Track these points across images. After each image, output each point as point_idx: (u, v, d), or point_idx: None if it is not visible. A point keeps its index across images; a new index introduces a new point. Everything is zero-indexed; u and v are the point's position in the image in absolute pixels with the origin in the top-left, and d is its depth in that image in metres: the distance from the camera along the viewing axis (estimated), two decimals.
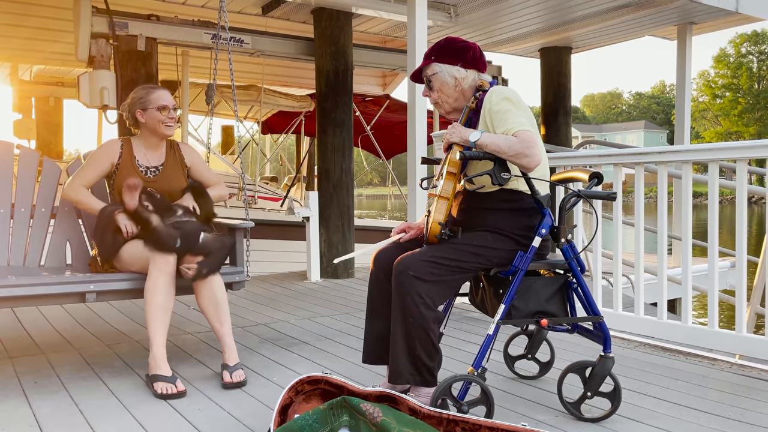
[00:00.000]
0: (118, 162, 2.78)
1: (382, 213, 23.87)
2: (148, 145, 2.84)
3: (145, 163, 2.82)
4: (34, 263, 2.92)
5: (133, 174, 2.77)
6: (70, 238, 2.98)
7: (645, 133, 61.97)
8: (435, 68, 2.23)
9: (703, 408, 2.23)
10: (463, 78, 2.22)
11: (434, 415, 1.82)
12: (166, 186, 2.80)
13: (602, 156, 3.47)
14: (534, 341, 2.59)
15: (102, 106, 4.99)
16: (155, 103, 2.75)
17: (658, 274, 3.14)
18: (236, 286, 2.82)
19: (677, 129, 6.65)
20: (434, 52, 2.25)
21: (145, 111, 2.76)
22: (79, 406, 2.24)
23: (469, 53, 2.24)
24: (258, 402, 2.29)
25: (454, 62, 2.22)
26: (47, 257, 2.93)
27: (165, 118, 2.76)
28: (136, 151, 2.82)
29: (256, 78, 7.87)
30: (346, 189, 5.55)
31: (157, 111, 2.75)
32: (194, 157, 2.98)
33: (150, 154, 2.84)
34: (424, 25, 4.28)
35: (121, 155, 2.79)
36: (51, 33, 6.54)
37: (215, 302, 2.58)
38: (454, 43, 2.26)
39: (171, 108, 2.78)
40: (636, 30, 6.71)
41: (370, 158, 10.45)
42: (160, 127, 2.78)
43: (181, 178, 2.88)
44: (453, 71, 2.21)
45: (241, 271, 2.84)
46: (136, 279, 2.59)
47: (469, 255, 2.07)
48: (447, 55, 2.23)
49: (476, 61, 2.25)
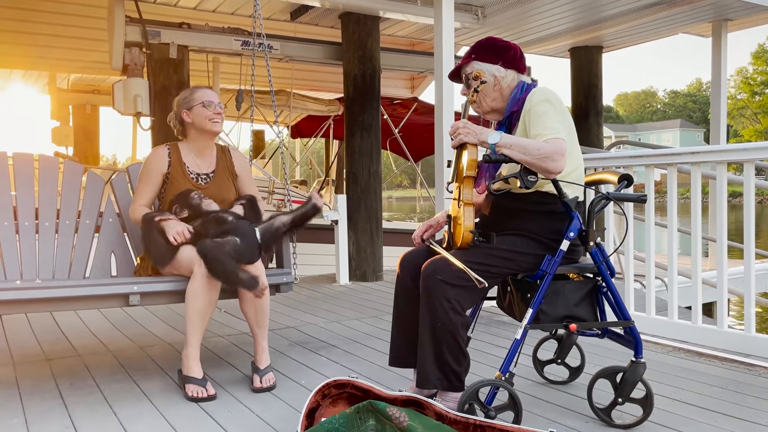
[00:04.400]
0: (168, 171, 2.72)
1: (411, 215, 23.85)
2: (198, 150, 2.78)
3: (196, 170, 2.76)
4: (79, 275, 2.88)
5: (185, 183, 2.70)
6: (115, 249, 2.95)
7: (681, 132, 60.63)
8: (475, 66, 2.22)
9: (739, 415, 2.17)
10: (503, 77, 2.21)
11: (461, 420, 1.81)
12: (217, 194, 2.73)
13: (634, 157, 3.42)
14: (564, 346, 2.56)
15: (135, 113, 5.10)
16: (200, 100, 2.70)
17: (692, 276, 3.07)
18: (284, 288, 2.78)
19: (713, 128, 6.50)
20: (475, 51, 2.24)
21: (190, 110, 2.71)
22: (113, 408, 2.29)
23: (510, 53, 2.23)
24: (286, 405, 2.31)
25: (495, 61, 2.21)
26: (92, 269, 2.91)
27: (211, 114, 2.70)
28: (185, 157, 2.76)
29: (285, 83, 7.95)
30: (374, 192, 5.56)
31: (203, 107, 2.70)
32: (244, 165, 2.91)
33: (200, 160, 2.78)
34: (451, 27, 4.27)
35: (170, 163, 2.73)
36: (87, 42, 6.72)
37: (258, 306, 2.56)
38: (495, 43, 2.25)
39: (216, 103, 2.73)
40: (669, 28, 6.58)
41: (399, 161, 10.46)
42: (207, 123, 2.71)
43: (230, 185, 2.81)
44: (493, 70, 2.20)
45: (288, 272, 2.80)
46: (179, 281, 2.53)
47: (499, 260, 2.05)
48: (487, 54, 2.22)
49: (516, 61, 2.23)
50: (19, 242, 2.80)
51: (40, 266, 2.82)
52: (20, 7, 6.26)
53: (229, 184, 2.82)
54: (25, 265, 2.79)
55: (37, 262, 2.82)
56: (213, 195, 2.72)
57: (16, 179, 2.85)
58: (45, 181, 2.89)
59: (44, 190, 2.89)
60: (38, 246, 2.83)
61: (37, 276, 2.81)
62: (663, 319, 3.18)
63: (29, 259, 2.80)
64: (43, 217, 2.86)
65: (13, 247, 2.78)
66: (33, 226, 2.84)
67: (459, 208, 2.04)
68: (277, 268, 2.86)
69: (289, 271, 2.83)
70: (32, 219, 2.85)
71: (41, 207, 2.87)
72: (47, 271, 2.83)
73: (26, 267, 2.80)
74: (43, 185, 2.89)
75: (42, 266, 2.82)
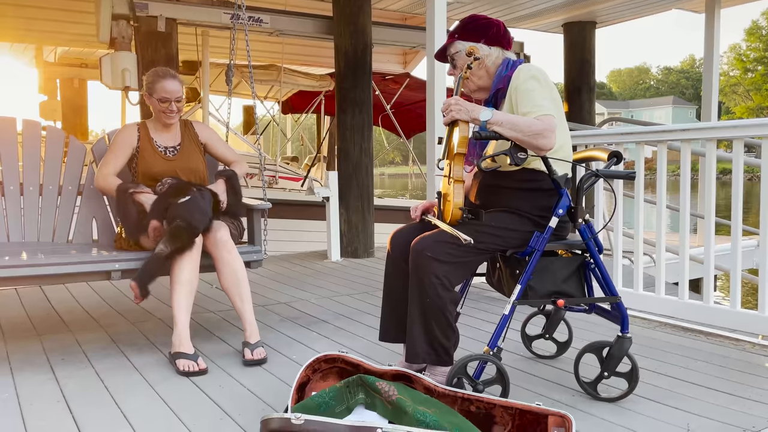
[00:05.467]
0: (137, 145, 2.86)
1: (402, 192, 23.85)
2: (161, 127, 2.91)
3: (163, 144, 2.88)
4: (63, 239, 3.03)
5: (154, 156, 2.83)
6: (96, 215, 3.07)
7: (673, 108, 60.62)
8: (458, 46, 2.22)
9: (724, 389, 2.21)
10: (486, 55, 2.20)
11: (449, 393, 1.84)
12: (186, 164, 2.86)
13: (624, 134, 3.42)
14: (552, 321, 2.59)
15: (124, 88, 5.04)
16: (158, 94, 2.80)
17: (679, 253, 3.10)
18: (254, 264, 2.87)
19: (704, 105, 6.50)
20: (458, 30, 2.24)
21: (149, 97, 2.84)
22: (105, 383, 2.30)
23: (492, 30, 2.22)
24: (277, 379, 2.34)
25: (477, 39, 2.20)
26: (74, 234, 3.04)
27: (165, 109, 2.82)
28: (153, 133, 2.89)
29: (275, 57, 7.86)
30: (365, 169, 5.55)
31: (158, 102, 2.82)
32: (208, 133, 3.03)
33: (165, 134, 2.91)
34: (444, 1, 4.21)
35: (139, 138, 2.86)
36: (74, 14, 6.61)
37: (236, 280, 2.62)
38: (477, 21, 2.24)
39: (173, 100, 2.81)
40: (662, 3, 6.55)
41: (391, 137, 10.41)
42: (161, 116, 2.85)
43: (198, 155, 2.94)
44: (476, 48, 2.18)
45: (258, 250, 2.89)
46: None
47: (487, 236, 2.06)
48: (470, 33, 2.21)
49: (500, 38, 2.22)
50: (5, 207, 2.93)
51: (25, 229, 2.96)
52: None
53: (197, 155, 2.94)
54: (11, 228, 2.93)
55: (23, 226, 2.96)
56: (182, 166, 2.84)
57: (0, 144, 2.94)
58: (29, 146, 2.99)
59: (28, 155, 3.00)
60: (23, 210, 2.95)
61: (22, 238, 2.93)
62: (650, 295, 3.22)
63: (15, 223, 2.94)
64: (27, 181, 2.97)
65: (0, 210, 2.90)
66: (18, 190, 2.95)
67: (449, 185, 2.05)
68: (248, 245, 2.91)
69: (259, 248, 2.90)
70: (17, 183, 2.96)
71: (25, 172, 2.97)
72: (32, 234, 2.96)
73: (12, 231, 2.93)
74: (27, 150, 3.00)
75: (27, 229, 2.96)
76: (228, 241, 2.64)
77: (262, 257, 2.91)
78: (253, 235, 2.96)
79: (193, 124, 3.01)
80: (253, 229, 2.96)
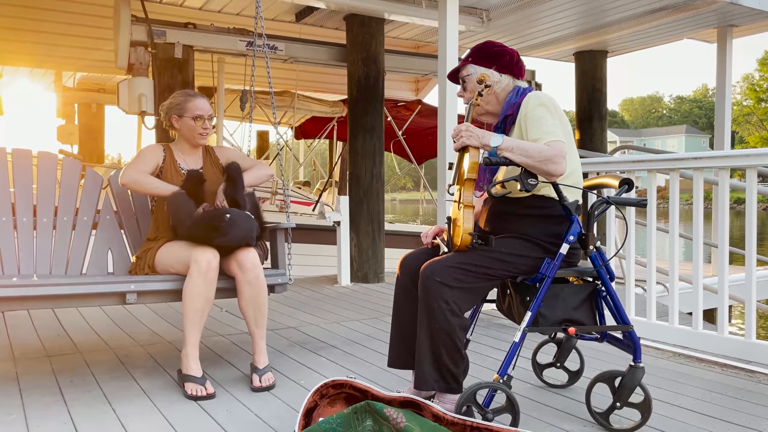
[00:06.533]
0: (162, 164, 2.81)
1: (414, 218, 23.84)
2: (185, 151, 2.88)
3: (187, 166, 2.85)
4: (76, 271, 2.91)
5: (177, 176, 2.80)
6: (112, 246, 2.97)
7: (686, 137, 60.51)
8: (470, 69, 2.26)
9: (738, 421, 2.16)
10: (497, 82, 2.22)
11: (458, 422, 1.82)
12: (208, 187, 2.81)
13: (636, 162, 3.41)
14: (563, 349, 2.55)
15: (140, 112, 5.12)
16: (191, 113, 2.77)
17: (693, 282, 3.07)
18: (278, 288, 2.79)
19: (717, 134, 6.48)
20: (472, 54, 2.28)
21: (180, 118, 2.79)
22: (112, 405, 2.30)
23: (505, 58, 2.25)
24: (284, 404, 2.32)
25: (489, 65, 2.24)
26: (89, 265, 2.93)
27: (199, 128, 2.79)
28: (176, 156, 2.86)
29: (289, 84, 7.97)
30: (376, 194, 5.57)
31: (192, 120, 2.78)
32: (229, 154, 2.99)
33: (188, 158, 2.88)
34: (455, 30, 4.27)
35: (164, 158, 2.83)
36: (93, 41, 6.76)
37: (257, 305, 2.59)
38: (492, 47, 2.28)
39: (206, 118, 2.80)
40: (674, 33, 6.57)
41: (403, 163, 10.47)
42: (195, 136, 2.81)
43: (220, 179, 2.88)
44: (487, 74, 2.21)
45: (283, 273, 2.81)
46: (176, 280, 2.56)
47: (497, 262, 2.05)
48: (483, 58, 2.26)
49: (512, 66, 2.25)
50: (17, 238, 2.82)
51: (37, 262, 2.84)
52: (27, 6, 6.29)
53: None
54: (22, 260, 2.81)
55: (35, 258, 2.84)
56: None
57: (14, 175, 2.88)
58: (43, 177, 2.92)
59: (42, 187, 2.91)
60: (36, 242, 2.85)
61: (34, 272, 2.82)
62: (663, 324, 3.17)
63: (27, 255, 2.82)
64: (41, 213, 2.88)
65: (11, 243, 2.80)
66: (31, 222, 2.86)
67: (459, 210, 2.05)
68: (272, 269, 2.87)
69: (284, 272, 2.84)
70: (30, 215, 2.87)
71: (39, 203, 2.89)
72: (44, 266, 2.85)
73: (24, 263, 2.81)
74: (42, 182, 2.91)
75: (39, 262, 2.84)
76: (258, 266, 2.58)
77: (287, 281, 2.83)
78: (276, 258, 2.92)
79: (214, 149, 2.98)
80: (276, 251, 2.91)
